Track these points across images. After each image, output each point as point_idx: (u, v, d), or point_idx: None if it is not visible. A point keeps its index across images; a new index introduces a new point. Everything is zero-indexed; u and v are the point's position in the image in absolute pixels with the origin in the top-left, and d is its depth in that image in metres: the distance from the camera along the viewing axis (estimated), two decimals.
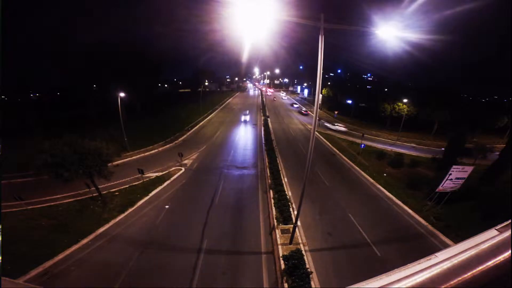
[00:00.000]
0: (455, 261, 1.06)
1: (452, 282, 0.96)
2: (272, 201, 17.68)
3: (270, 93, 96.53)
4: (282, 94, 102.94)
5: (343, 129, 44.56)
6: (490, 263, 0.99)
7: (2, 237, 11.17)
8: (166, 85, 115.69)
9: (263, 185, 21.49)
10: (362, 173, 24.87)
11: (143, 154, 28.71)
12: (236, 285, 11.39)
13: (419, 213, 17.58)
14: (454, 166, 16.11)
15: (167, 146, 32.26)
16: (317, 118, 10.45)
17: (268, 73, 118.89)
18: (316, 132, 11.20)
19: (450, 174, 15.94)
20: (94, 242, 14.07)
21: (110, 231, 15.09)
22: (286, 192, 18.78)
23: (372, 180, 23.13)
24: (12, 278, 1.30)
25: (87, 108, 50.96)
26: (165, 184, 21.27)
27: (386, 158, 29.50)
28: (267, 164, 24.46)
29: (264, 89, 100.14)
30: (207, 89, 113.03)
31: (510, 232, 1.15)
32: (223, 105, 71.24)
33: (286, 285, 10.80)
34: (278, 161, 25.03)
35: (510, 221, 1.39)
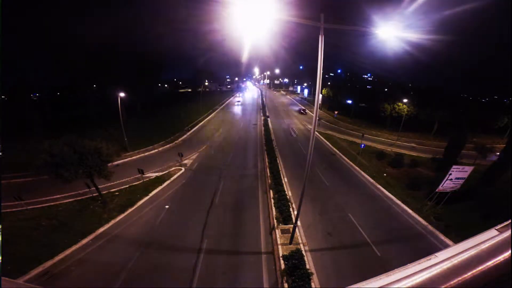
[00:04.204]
0: (455, 261, 1.06)
1: (452, 282, 0.96)
2: (272, 201, 17.68)
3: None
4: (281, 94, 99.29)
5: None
6: (490, 263, 0.99)
7: (2, 237, 11.18)
8: (166, 85, 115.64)
9: (263, 185, 21.48)
10: (362, 173, 24.86)
11: (143, 154, 28.70)
12: (236, 285, 11.39)
13: (419, 213, 17.57)
14: (454, 166, 16.10)
15: (167, 146, 32.26)
16: (317, 118, 10.44)
17: (268, 73, 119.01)
18: (316, 132, 11.22)
19: (450, 174, 15.93)
20: (94, 242, 14.07)
21: (110, 231, 15.10)
22: (286, 192, 18.79)
23: (372, 180, 23.12)
24: (12, 278, 1.30)
25: (87, 108, 50.98)
26: (165, 184, 21.26)
27: (386, 158, 29.50)
28: (267, 164, 24.45)
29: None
30: (207, 89, 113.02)
31: (510, 232, 1.15)
32: (223, 105, 71.23)
33: (286, 285, 10.80)
34: (278, 161, 25.03)
35: (510, 221, 1.39)
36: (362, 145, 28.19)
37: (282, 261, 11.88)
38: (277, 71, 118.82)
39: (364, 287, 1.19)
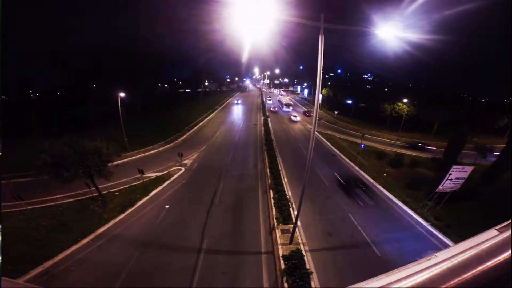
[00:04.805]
0: (455, 261, 1.06)
1: (452, 282, 0.96)
2: (272, 201, 17.67)
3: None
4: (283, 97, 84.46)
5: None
6: (490, 263, 0.99)
7: (2, 237, 11.18)
8: (166, 85, 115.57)
9: (263, 185, 21.48)
10: (362, 173, 24.86)
11: (143, 154, 28.70)
12: (236, 285, 11.39)
13: (419, 213, 17.58)
14: (454, 166, 16.11)
15: (167, 146, 32.26)
16: (317, 118, 10.44)
17: (268, 73, 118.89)
18: (316, 132, 11.21)
19: (450, 174, 15.94)
20: (94, 242, 14.07)
21: (110, 231, 15.10)
22: (286, 192, 18.78)
23: (372, 180, 23.12)
24: (12, 278, 1.30)
25: (87, 108, 50.99)
26: (165, 184, 21.26)
27: (386, 158, 29.51)
28: (267, 164, 24.45)
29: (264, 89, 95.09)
30: (207, 89, 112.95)
31: (510, 232, 1.15)
32: (223, 105, 71.23)
33: (286, 285, 10.80)
34: (278, 161, 25.03)
35: (510, 221, 1.39)
36: (362, 145, 28.19)
37: (282, 261, 11.87)
38: (277, 71, 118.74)
39: (364, 287, 1.19)
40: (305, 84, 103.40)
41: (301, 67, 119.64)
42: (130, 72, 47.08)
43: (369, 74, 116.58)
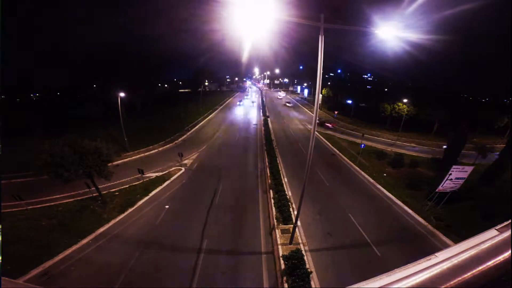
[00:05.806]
0: (455, 261, 1.06)
1: (452, 282, 0.96)
2: (272, 201, 17.67)
3: None
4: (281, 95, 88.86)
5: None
6: (490, 263, 0.99)
7: (2, 237, 11.18)
8: (166, 85, 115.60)
9: (263, 185, 21.48)
10: (362, 173, 24.86)
11: (143, 154, 28.69)
12: (236, 285, 11.39)
13: (419, 213, 17.57)
14: (454, 166, 16.10)
15: (167, 146, 32.25)
16: (317, 118, 10.43)
17: (268, 73, 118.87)
18: (316, 132, 11.21)
19: (450, 174, 15.93)
20: (94, 242, 14.07)
21: (110, 231, 15.10)
22: (286, 192, 18.78)
23: (372, 180, 23.11)
24: (12, 278, 1.30)
25: (87, 108, 50.99)
26: (165, 184, 21.26)
27: (386, 158, 29.49)
28: (267, 164, 24.45)
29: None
30: (207, 89, 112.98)
31: (510, 232, 1.15)
32: (223, 105, 71.19)
33: (286, 285, 10.80)
34: (278, 161, 25.02)
35: (510, 221, 1.39)
36: (362, 145, 28.17)
37: (282, 261, 11.87)
38: (277, 71, 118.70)
39: (364, 287, 1.19)
40: (305, 84, 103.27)
41: (301, 67, 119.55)
42: (130, 72, 47.10)
43: (369, 74, 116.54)
